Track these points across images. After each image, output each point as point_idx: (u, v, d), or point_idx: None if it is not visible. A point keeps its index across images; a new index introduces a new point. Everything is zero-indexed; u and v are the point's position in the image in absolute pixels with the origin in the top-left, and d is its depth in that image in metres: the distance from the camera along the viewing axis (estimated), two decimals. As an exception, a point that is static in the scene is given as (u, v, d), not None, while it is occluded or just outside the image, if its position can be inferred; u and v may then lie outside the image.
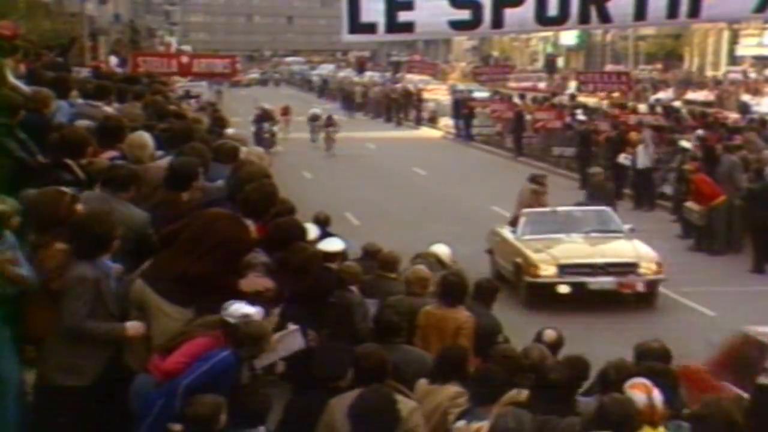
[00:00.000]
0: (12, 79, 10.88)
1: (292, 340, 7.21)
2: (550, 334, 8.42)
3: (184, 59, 29.37)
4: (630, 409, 5.90)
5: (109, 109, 11.87)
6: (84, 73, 19.00)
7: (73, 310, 6.58)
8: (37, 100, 9.66)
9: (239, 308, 6.65)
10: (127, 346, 6.88)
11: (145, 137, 9.15)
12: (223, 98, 45.79)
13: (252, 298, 6.91)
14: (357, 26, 9.45)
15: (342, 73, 69.15)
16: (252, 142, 27.93)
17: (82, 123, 10.11)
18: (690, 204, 20.24)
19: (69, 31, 30.01)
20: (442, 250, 11.03)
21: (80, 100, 12.21)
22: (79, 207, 7.06)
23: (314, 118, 41.81)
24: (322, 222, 11.76)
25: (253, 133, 36.42)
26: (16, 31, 18.28)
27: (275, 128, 39.86)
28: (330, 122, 39.86)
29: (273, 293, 7.20)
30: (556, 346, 8.27)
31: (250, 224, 7.31)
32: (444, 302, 8.65)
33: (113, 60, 27.41)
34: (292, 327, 7.31)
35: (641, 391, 6.26)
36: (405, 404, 6.19)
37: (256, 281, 7.12)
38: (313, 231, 9.28)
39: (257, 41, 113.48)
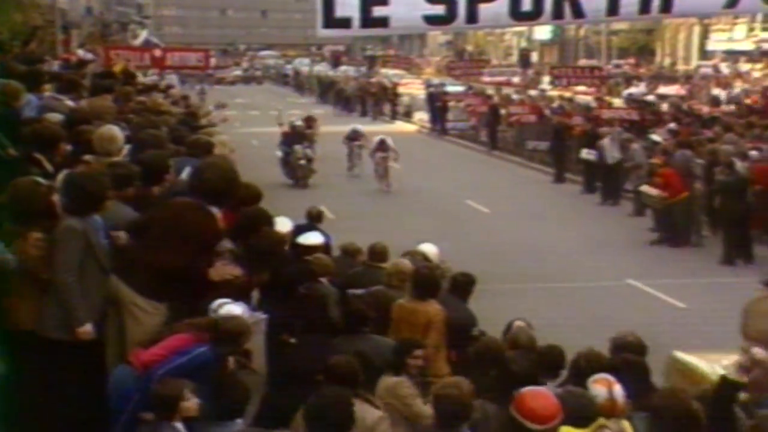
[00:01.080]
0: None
1: (257, 330, 7.26)
2: (518, 325, 8.50)
3: (157, 52, 29.24)
4: (584, 402, 5.96)
5: (70, 103, 11.95)
6: (54, 65, 18.94)
7: (62, 262, 6.78)
8: (6, 93, 9.64)
9: (229, 310, 6.75)
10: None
11: (114, 130, 9.20)
12: (206, 98, 41.36)
13: (222, 287, 7.02)
14: (332, 21, 9.48)
15: (317, 67, 68.96)
16: (282, 171, 27.31)
17: (54, 116, 10.11)
18: (646, 188, 20.32)
19: (30, 22, 29.80)
20: (429, 248, 11.05)
21: (47, 94, 12.20)
22: (55, 197, 7.13)
23: (354, 137, 30.00)
24: (314, 217, 11.80)
25: (281, 158, 27.97)
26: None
27: (310, 151, 27.90)
28: (383, 146, 27.68)
29: (242, 280, 7.29)
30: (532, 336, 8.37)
31: (216, 212, 7.32)
32: (416, 295, 8.68)
33: (81, 53, 27.20)
34: (260, 316, 7.38)
35: (603, 386, 6.39)
36: (371, 413, 6.22)
37: (224, 269, 7.20)
38: (286, 224, 9.30)
39: (231, 35, 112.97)
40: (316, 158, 27.98)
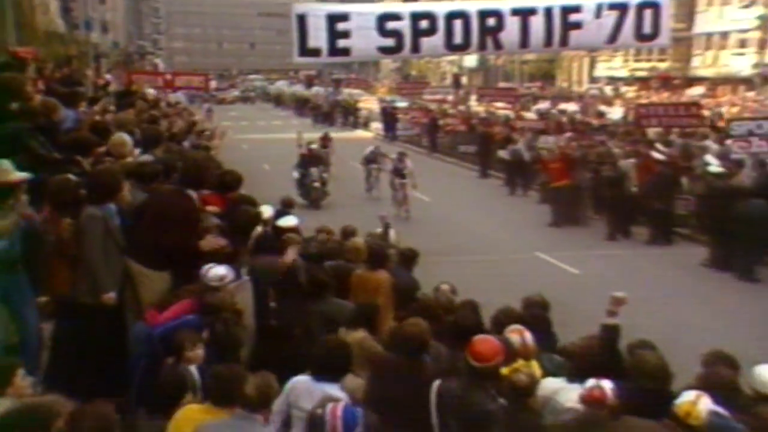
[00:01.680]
0: (29, 90, 10.75)
1: (244, 289, 7.26)
2: (443, 288, 8.48)
3: (168, 76, 29.02)
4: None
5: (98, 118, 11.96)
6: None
7: (89, 243, 6.85)
8: (47, 108, 9.54)
9: (216, 272, 6.77)
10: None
11: (125, 137, 9.33)
12: (213, 117, 39.35)
13: (212, 256, 7.06)
14: (305, 50, 9.47)
15: (294, 88, 68.69)
16: (297, 193, 21.42)
17: (121, 136, 10.08)
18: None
19: (68, 52, 29.60)
20: (391, 231, 11.04)
21: (82, 109, 12.13)
22: (82, 192, 7.12)
23: (373, 158, 24.58)
24: (287, 204, 11.70)
25: (297, 179, 22.97)
26: (34, 54, 17.97)
27: (326, 175, 23.52)
28: (401, 166, 21.95)
29: (227, 249, 7.33)
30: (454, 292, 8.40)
31: (193, 194, 7.54)
32: (368, 266, 8.67)
33: (108, 77, 27.03)
34: (245, 278, 7.36)
35: (516, 335, 6.44)
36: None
37: (212, 241, 7.33)
38: (268, 210, 9.22)
39: (227, 62, 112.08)
40: (332, 179, 23.71)
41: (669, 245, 17.94)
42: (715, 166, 17.66)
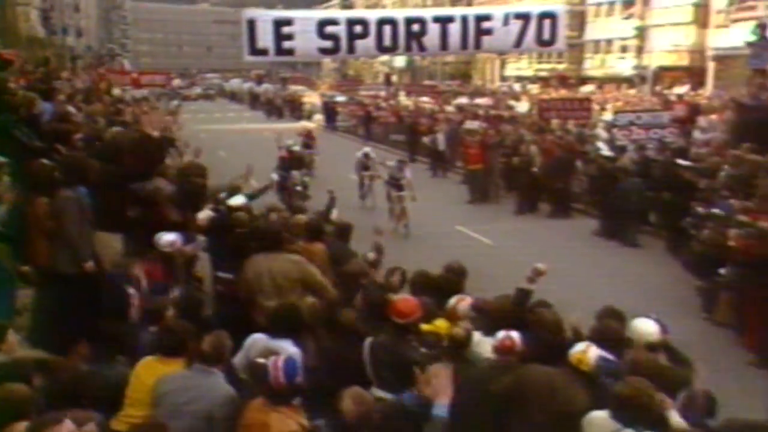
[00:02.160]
0: (12, 87, 10.49)
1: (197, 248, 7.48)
2: (371, 256, 8.45)
3: (135, 75, 28.47)
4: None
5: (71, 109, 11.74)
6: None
7: (68, 220, 6.81)
8: (27, 101, 9.29)
9: (166, 238, 6.77)
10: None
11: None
12: (181, 110, 39.34)
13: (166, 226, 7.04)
14: (255, 50, 9.35)
15: (246, 85, 67.59)
16: (277, 198, 16.86)
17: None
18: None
19: (46, 55, 28.86)
20: (334, 213, 10.86)
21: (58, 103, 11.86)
22: (56, 174, 6.98)
23: (365, 164, 19.64)
24: (235, 189, 11.43)
25: (277, 183, 17.23)
26: (17, 56, 17.45)
27: (307, 178, 19.31)
28: (400, 175, 17.22)
29: (179, 219, 7.29)
30: (376, 263, 8.39)
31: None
32: (306, 239, 8.59)
33: (84, 76, 26.36)
34: (196, 245, 7.33)
35: (455, 300, 6.57)
36: None
37: (167, 211, 7.53)
38: (239, 199, 9.07)
39: (186, 63, 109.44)
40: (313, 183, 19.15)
41: (567, 218, 18.18)
42: (604, 150, 17.99)
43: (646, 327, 5.97)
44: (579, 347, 5.24)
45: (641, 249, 15.22)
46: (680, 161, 15.36)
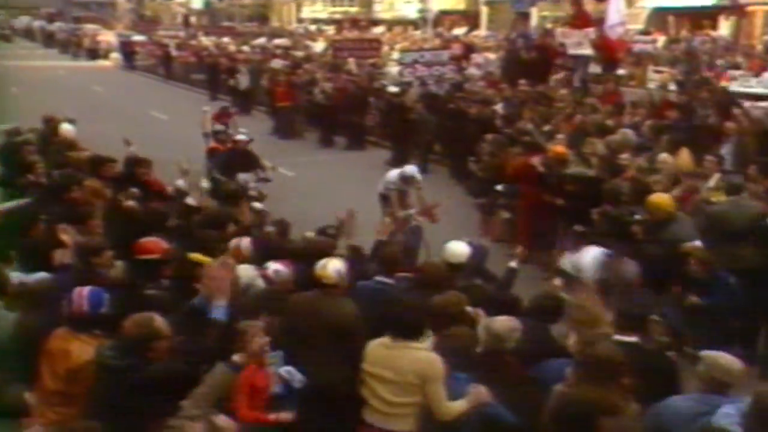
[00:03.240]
0: None
1: None
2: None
3: None
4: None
5: None
6: None
7: None
8: None
9: None
10: None
11: None
12: None
13: None
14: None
15: (36, 23, 61.18)
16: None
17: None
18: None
19: None
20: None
21: None
22: None
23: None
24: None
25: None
26: None
27: (262, 186, 11.04)
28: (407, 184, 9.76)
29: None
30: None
31: None
32: None
33: None
34: None
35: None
36: None
37: None
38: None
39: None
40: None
41: (362, 150, 18.32)
42: (391, 87, 18.20)
43: (454, 249, 6.14)
44: (321, 263, 5.18)
45: (429, 176, 15.64)
46: (452, 94, 15.94)
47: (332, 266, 5.08)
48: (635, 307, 4.84)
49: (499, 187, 10.74)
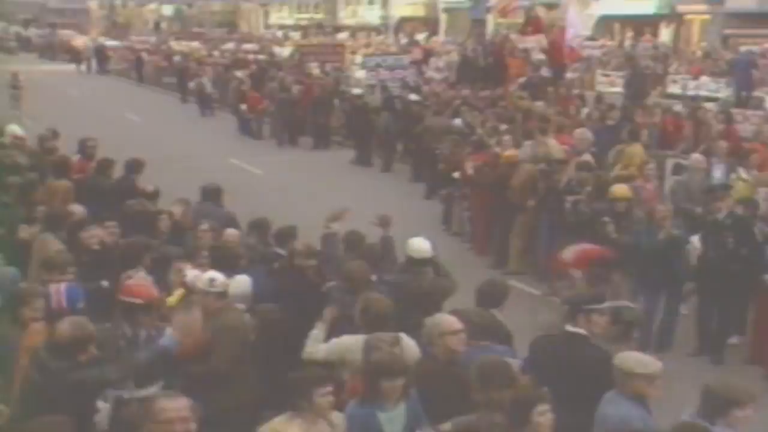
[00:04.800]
0: None
1: None
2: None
3: None
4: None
5: None
6: None
7: None
8: None
9: None
10: None
11: None
12: None
13: None
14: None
15: (13, 28, 59.66)
16: None
17: None
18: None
19: None
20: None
21: None
22: None
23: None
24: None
25: None
26: None
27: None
28: None
29: None
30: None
31: None
32: None
33: None
34: None
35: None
36: None
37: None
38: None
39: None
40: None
41: (327, 150, 18.24)
42: (355, 90, 18.18)
43: (418, 245, 6.06)
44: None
45: (392, 174, 15.65)
46: (413, 96, 15.98)
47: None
48: (580, 298, 4.88)
49: (456, 175, 10.85)
